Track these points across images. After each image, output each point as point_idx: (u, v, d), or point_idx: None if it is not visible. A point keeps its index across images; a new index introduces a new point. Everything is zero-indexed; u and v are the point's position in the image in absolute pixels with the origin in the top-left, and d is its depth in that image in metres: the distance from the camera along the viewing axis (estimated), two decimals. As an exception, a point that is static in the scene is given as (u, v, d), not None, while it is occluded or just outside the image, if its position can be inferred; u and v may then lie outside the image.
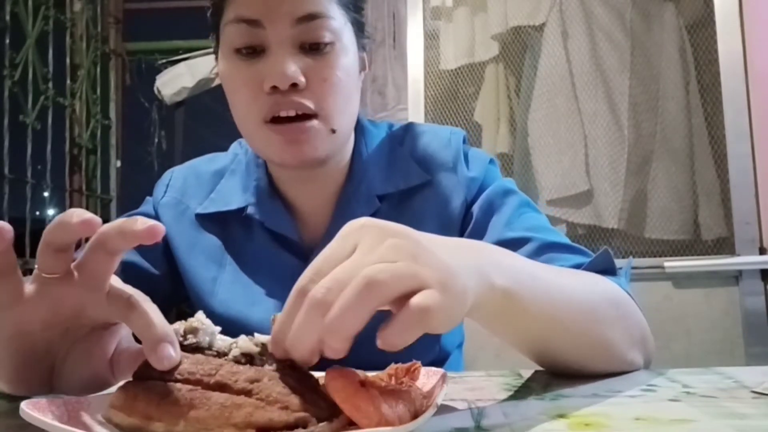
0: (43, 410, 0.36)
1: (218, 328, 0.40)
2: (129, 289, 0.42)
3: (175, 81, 2.59)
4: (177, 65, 2.61)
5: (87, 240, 0.41)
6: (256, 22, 0.65)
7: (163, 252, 0.78)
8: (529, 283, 0.47)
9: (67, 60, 2.69)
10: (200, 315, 0.41)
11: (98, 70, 2.86)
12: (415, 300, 0.34)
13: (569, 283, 0.53)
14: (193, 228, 0.78)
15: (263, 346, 0.39)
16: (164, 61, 2.68)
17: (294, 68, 0.65)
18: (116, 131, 2.98)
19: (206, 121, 2.73)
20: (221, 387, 0.36)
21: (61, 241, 0.40)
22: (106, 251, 0.40)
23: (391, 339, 0.34)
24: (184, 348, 0.39)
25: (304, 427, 0.36)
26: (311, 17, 0.65)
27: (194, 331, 0.40)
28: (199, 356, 0.38)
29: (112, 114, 2.96)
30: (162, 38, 2.96)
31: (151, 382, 0.37)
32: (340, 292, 0.34)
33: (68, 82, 2.67)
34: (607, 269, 0.63)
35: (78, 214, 0.39)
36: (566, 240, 0.70)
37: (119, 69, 3.01)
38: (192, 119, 2.75)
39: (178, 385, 0.37)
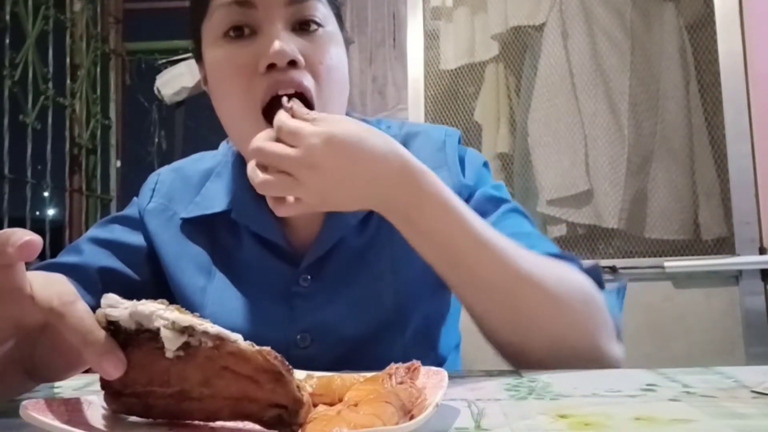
0: (43, 410, 0.36)
1: (133, 303, 0.38)
2: (52, 298, 0.40)
3: (175, 81, 2.59)
4: (177, 65, 2.61)
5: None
6: (248, 3, 0.63)
7: (147, 258, 0.76)
8: (459, 207, 0.57)
9: (67, 60, 2.69)
10: (109, 303, 0.39)
11: (98, 70, 2.86)
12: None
13: (509, 243, 0.59)
14: (180, 235, 0.75)
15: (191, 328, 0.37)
16: (164, 61, 2.68)
17: (292, 45, 0.63)
18: (116, 131, 2.98)
19: (206, 121, 2.72)
20: (185, 393, 0.38)
21: None
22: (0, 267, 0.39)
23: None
24: (120, 343, 0.38)
25: (281, 421, 0.37)
26: None
27: (114, 324, 0.38)
28: (142, 359, 0.37)
29: (112, 114, 2.96)
30: (162, 38, 2.95)
31: (126, 399, 0.39)
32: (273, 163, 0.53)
33: (68, 82, 2.67)
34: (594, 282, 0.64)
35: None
36: (554, 248, 0.68)
37: (119, 69, 3.01)
38: (192, 119, 2.75)
39: (152, 399, 0.39)
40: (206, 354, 0.36)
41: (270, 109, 0.62)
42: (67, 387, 0.57)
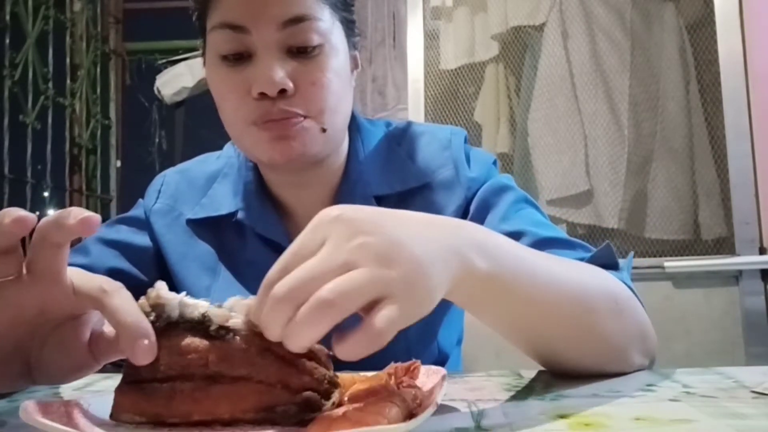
0: (42, 412, 0.36)
1: (182, 294, 0.40)
2: (97, 281, 0.41)
3: (175, 81, 2.59)
4: (177, 65, 2.61)
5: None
6: (242, 28, 0.63)
7: (154, 259, 0.77)
8: (513, 265, 0.46)
9: (67, 60, 2.69)
10: (161, 287, 0.40)
11: (98, 70, 2.86)
12: (374, 320, 0.35)
13: (560, 269, 0.51)
14: (186, 235, 0.76)
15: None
16: (164, 61, 2.68)
17: (281, 74, 0.63)
18: (116, 131, 2.99)
19: (206, 121, 2.72)
20: (219, 377, 0.38)
21: (2, 244, 0.39)
22: (50, 245, 0.40)
23: (345, 353, 0.35)
24: (156, 329, 0.39)
25: (308, 405, 0.38)
26: (298, 20, 0.64)
27: (160, 307, 0.39)
28: (181, 343, 0.38)
29: (112, 114, 2.96)
30: (162, 38, 2.96)
31: (148, 385, 0.38)
32: (300, 293, 0.35)
33: (68, 82, 2.68)
34: (608, 264, 0.61)
35: (9, 214, 0.38)
36: (565, 235, 0.68)
37: (119, 69, 3.01)
38: (192, 119, 2.75)
39: (178, 383, 0.38)
40: (249, 337, 0.38)
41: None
42: (67, 387, 0.57)
